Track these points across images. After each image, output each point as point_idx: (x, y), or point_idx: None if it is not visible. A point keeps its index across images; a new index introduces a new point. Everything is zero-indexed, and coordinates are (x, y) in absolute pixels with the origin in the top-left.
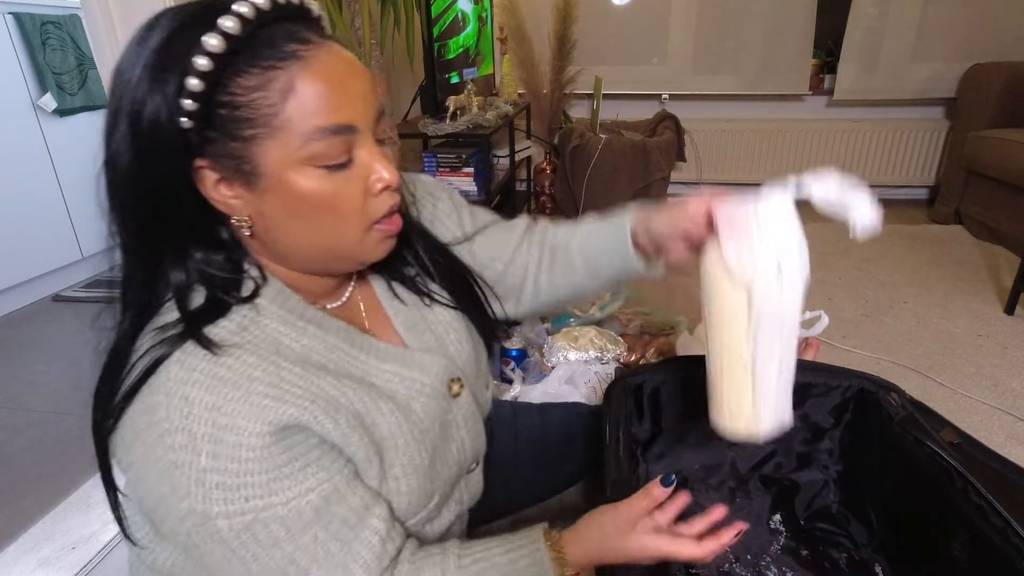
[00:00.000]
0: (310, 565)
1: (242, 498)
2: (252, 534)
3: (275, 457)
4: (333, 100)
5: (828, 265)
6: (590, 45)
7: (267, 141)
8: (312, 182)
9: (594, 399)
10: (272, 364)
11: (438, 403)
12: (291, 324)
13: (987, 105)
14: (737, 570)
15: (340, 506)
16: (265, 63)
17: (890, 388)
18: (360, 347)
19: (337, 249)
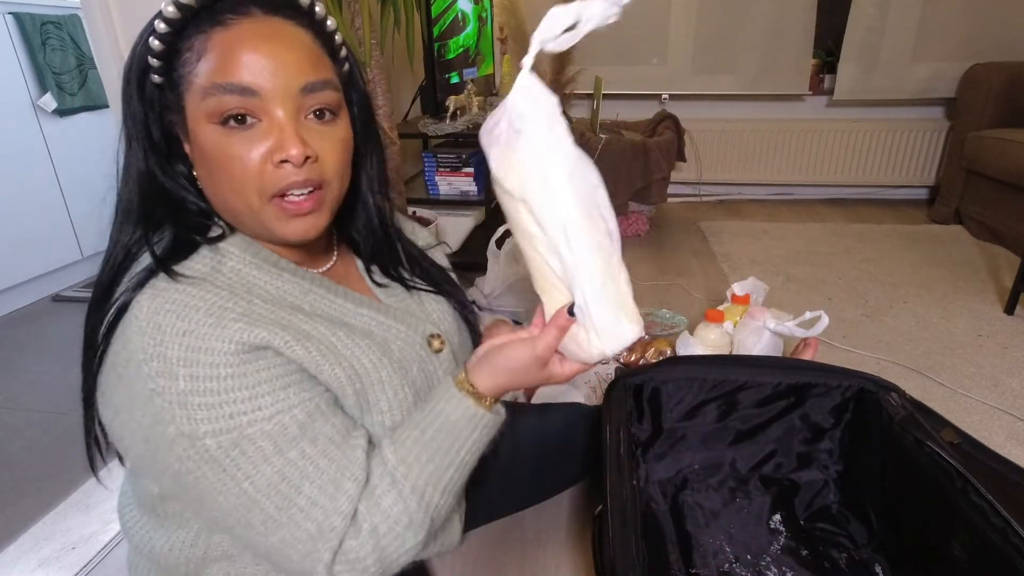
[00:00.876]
0: (301, 481)
1: (226, 415)
2: (241, 450)
3: (253, 374)
4: (235, 61)
5: (828, 265)
6: (590, 45)
7: (187, 96)
8: (209, 137)
9: (594, 399)
10: (243, 299)
11: (415, 351)
12: (264, 270)
13: (987, 105)
14: (737, 570)
15: (324, 424)
16: (200, 27)
17: (890, 388)
18: (336, 293)
19: (241, 214)
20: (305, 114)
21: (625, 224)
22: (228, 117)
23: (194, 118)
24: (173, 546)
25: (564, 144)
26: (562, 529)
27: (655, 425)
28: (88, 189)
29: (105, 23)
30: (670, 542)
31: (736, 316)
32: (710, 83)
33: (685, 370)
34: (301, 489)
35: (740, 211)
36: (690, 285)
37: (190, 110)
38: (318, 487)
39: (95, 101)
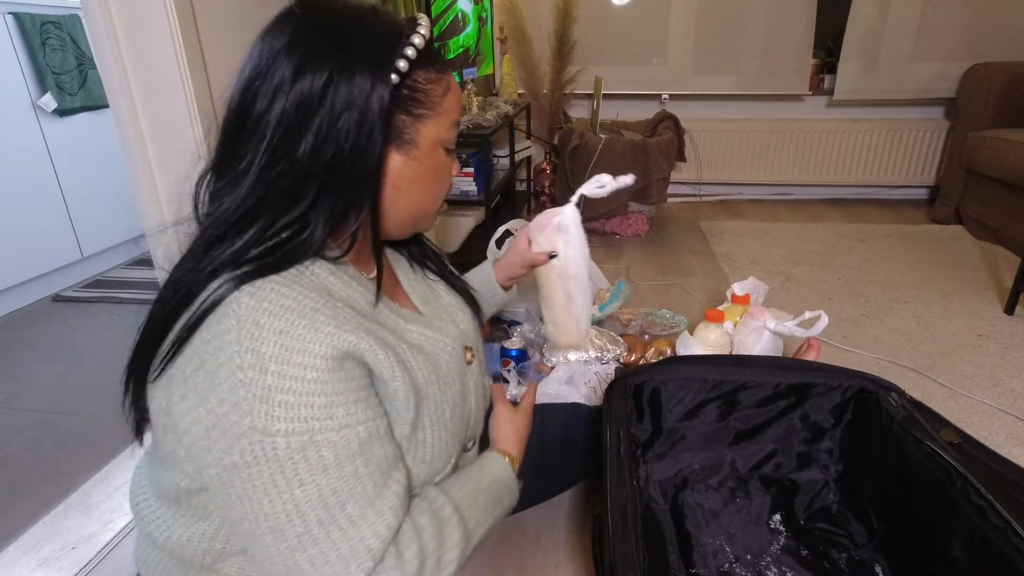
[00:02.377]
0: (348, 499)
1: (302, 417)
2: (305, 455)
3: (335, 383)
4: (458, 106)
5: (828, 265)
6: (590, 45)
7: (430, 120)
8: (441, 158)
9: (594, 399)
10: (330, 303)
11: (457, 364)
12: (339, 276)
13: (987, 105)
14: (737, 570)
15: (379, 448)
16: (437, 67)
17: (890, 388)
18: (391, 308)
19: (428, 212)
20: None
21: (625, 224)
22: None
23: (432, 141)
24: (192, 538)
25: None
26: (562, 529)
27: (655, 425)
28: (88, 189)
29: (105, 23)
30: (670, 542)
31: (736, 316)
32: (710, 83)
33: (685, 370)
34: (346, 507)
35: (740, 211)
36: (690, 285)
37: (429, 133)
38: (360, 508)
39: (95, 101)
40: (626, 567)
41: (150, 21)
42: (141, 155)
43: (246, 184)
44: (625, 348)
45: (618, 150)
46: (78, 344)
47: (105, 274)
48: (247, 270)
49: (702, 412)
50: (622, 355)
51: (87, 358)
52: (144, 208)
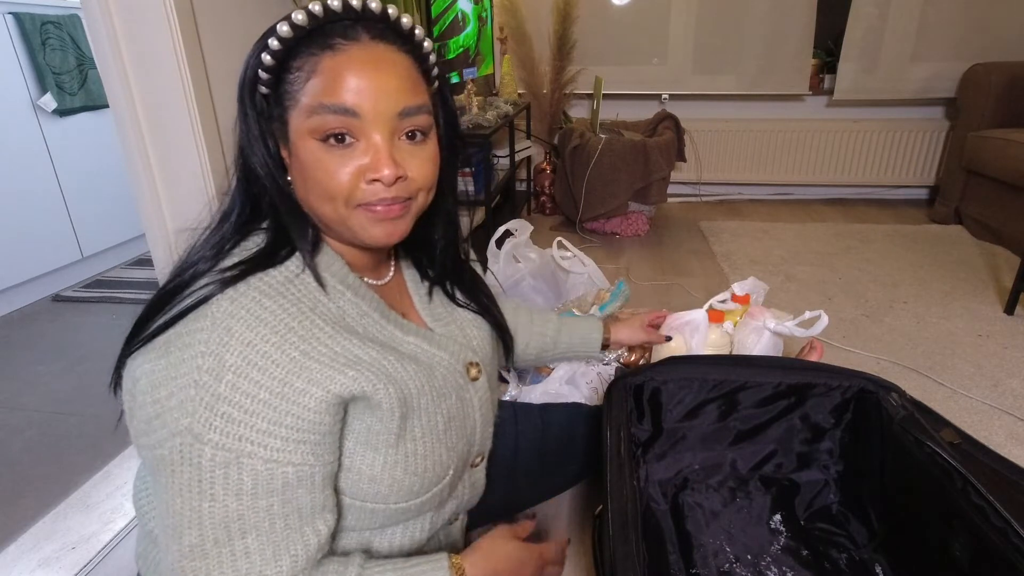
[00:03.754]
0: (251, 530)
1: (237, 435)
2: (225, 472)
3: (282, 413)
4: (342, 85)
5: (828, 265)
6: (590, 45)
7: (293, 110)
8: (310, 151)
9: (595, 399)
10: (308, 320)
11: (455, 378)
12: (331, 286)
13: (987, 105)
14: (737, 570)
15: (306, 495)
16: (311, 49)
17: (890, 388)
18: (388, 319)
19: (328, 219)
20: (399, 135)
21: (625, 224)
22: (329, 135)
23: (297, 132)
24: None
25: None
26: (563, 529)
27: (655, 425)
28: (88, 189)
29: (105, 23)
30: (670, 542)
31: (736, 316)
32: (710, 83)
33: (685, 370)
34: (246, 537)
35: (740, 211)
36: (690, 285)
37: (294, 124)
38: (259, 544)
39: (95, 101)
40: (626, 567)
41: (150, 21)
42: (141, 155)
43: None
44: (626, 348)
45: (618, 150)
46: (78, 344)
47: (105, 274)
48: (234, 273)
49: (702, 412)
50: (623, 355)
51: (87, 358)
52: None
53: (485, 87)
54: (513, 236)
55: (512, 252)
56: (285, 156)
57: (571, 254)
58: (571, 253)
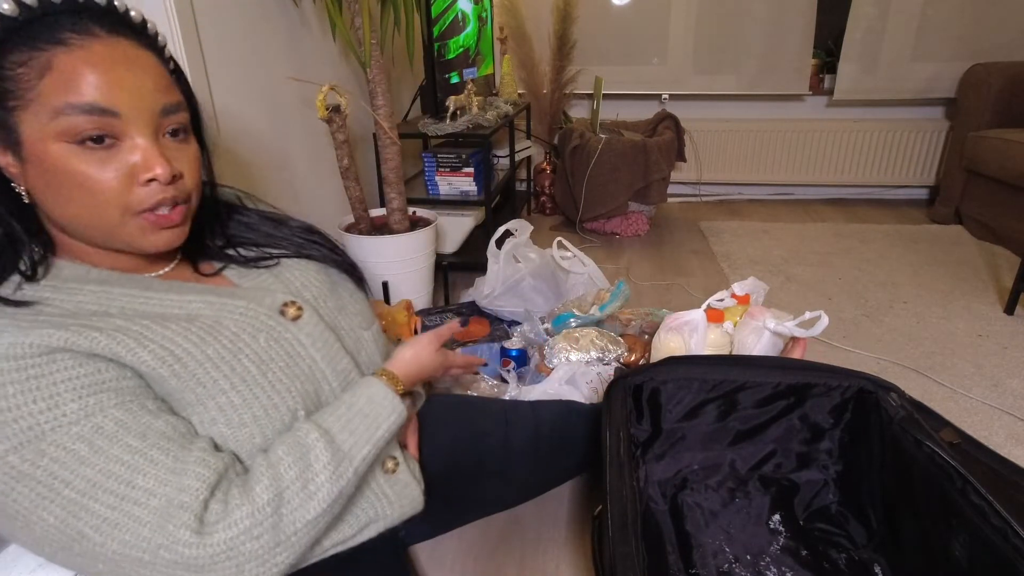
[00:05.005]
0: (132, 474)
1: (24, 428)
2: (51, 458)
3: (48, 383)
4: (91, 83)
5: (828, 265)
6: (590, 45)
7: (23, 112)
8: (63, 157)
9: (595, 400)
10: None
11: (260, 321)
12: (60, 290)
13: (987, 105)
14: (737, 570)
15: (155, 420)
16: (35, 44)
17: (890, 388)
18: (156, 288)
19: (99, 229)
20: (162, 133)
21: (625, 224)
22: (85, 137)
23: (38, 137)
24: None
25: (703, 340)
26: (562, 529)
27: (654, 425)
28: None
29: None
30: (669, 543)
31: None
32: (710, 83)
33: (685, 370)
34: (134, 482)
35: (740, 211)
36: (690, 285)
37: (30, 128)
38: (154, 476)
39: None
40: (626, 567)
41: None
42: None
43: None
44: (625, 348)
45: (618, 150)
46: None
47: None
48: None
49: (702, 412)
50: (622, 355)
51: None
52: None
53: (485, 87)
54: (513, 236)
55: (512, 252)
56: (6, 161)
57: (571, 254)
58: (571, 253)
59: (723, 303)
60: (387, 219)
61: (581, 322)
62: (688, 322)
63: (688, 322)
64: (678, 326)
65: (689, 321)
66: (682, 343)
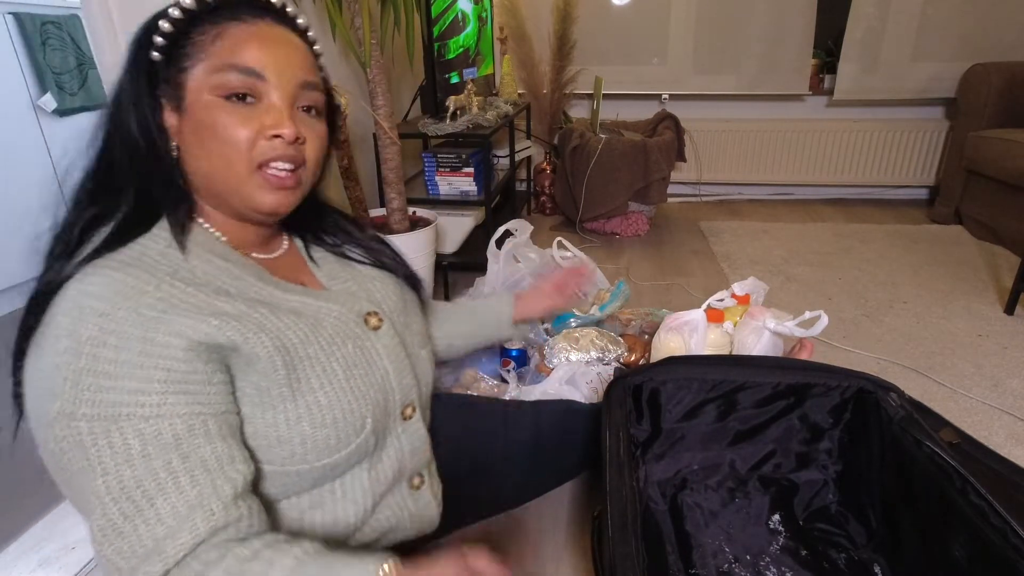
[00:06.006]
0: (157, 495)
1: (109, 402)
2: (109, 441)
3: (150, 368)
4: (249, 47)
5: (828, 265)
6: (590, 45)
7: (192, 70)
8: (211, 108)
9: (595, 400)
10: (166, 283)
11: (349, 328)
12: (196, 254)
13: (987, 105)
14: (737, 570)
15: (205, 445)
16: (216, 20)
17: (889, 388)
18: (266, 281)
19: (228, 184)
20: (298, 106)
21: (625, 224)
22: (232, 93)
23: (196, 89)
24: None
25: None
26: (561, 530)
27: (654, 425)
28: None
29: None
30: (669, 543)
31: (736, 316)
32: (710, 83)
33: (684, 370)
34: (155, 502)
35: (740, 211)
36: (690, 285)
37: (193, 82)
38: (171, 506)
39: (95, 101)
40: (625, 568)
41: None
42: None
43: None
44: (625, 348)
45: (618, 150)
46: None
47: None
48: (85, 255)
49: (701, 412)
50: (622, 355)
51: None
52: None
53: (485, 87)
54: (513, 236)
55: (512, 252)
56: (172, 124)
57: (571, 254)
58: (571, 253)
59: (723, 303)
60: (387, 219)
61: (581, 322)
62: (688, 322)
63: (688, 322)
64: (678, 326)
65: (689, 321)
66: (682, 343)
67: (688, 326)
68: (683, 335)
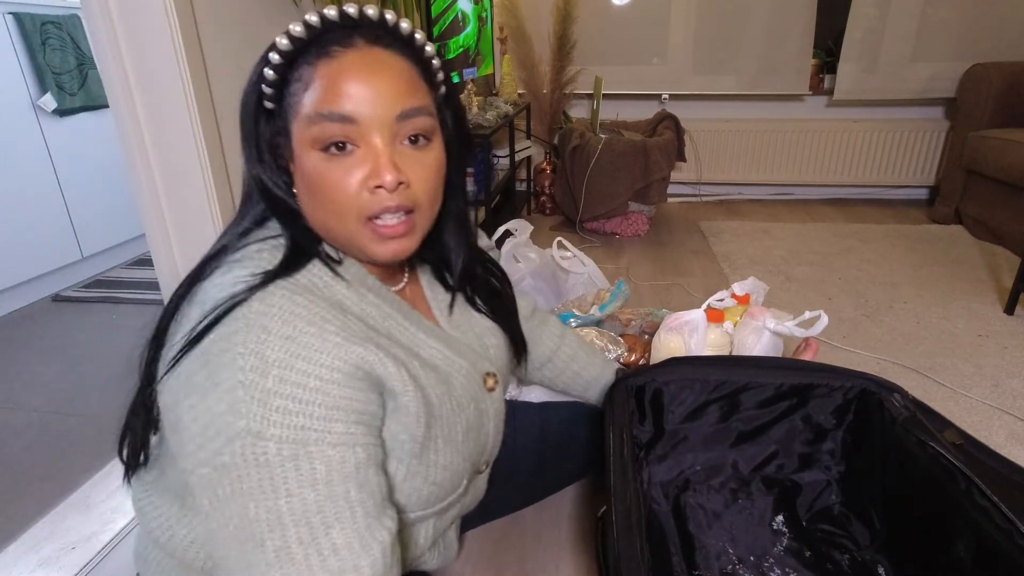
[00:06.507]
0: (334, 522)
1: (298, 426)
2: (296, 465)
3: (336, 396)
4: (337, 91)
5: (828, 265)
6: (590, 45)
7: (294, 123)
8: (312, 163)
9: None
10: (341, 313)
11: (473, 388)
12: (353, 288)
13: (987, 105)
14: (740, 571)
15: (376, 476)
16: (308, 60)
17: (892, 389)
18: (411, 319)
19: (338, 234)
20: (400, 140)
21: (625, 224)
22: (329, 144)
23: (299, 143)
24: (196, 539)
25: (703, 340)
26: (563, 529)
27: (657, 426)
28: (88, 189)
29: (105, 23)
30: (672, 544)
31: (736, 316)
32: (710, 83)
33: (687, 371)
34: (331, 531)
35: (740, 211)
36: (690, 285)
37: (296, 136)
38: (346, 538)
39: (95, 101)
40: (631, 569)
41: (150, 21)
42: (141, 155)
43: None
44: (625, 348)
45: (618, 150)
46: (78, 344)
47: (105, 274)
48: (260, 280)
49: (704, 413)
50: (622, 355)
51: (87, 358)
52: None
53: (485, 87)
54: (513, 236)
55: (512, 252)
56: (293, 171)
57: (571, 254)
58: (571, 253)
59: (723, 303)
60: None
61: (581, 322)
62: (688, 322)
63: (688, 322)
64: (678, 326)
65: (689, 321)
66: (682, 343)
67: (688, 326)
68: (683, 335)
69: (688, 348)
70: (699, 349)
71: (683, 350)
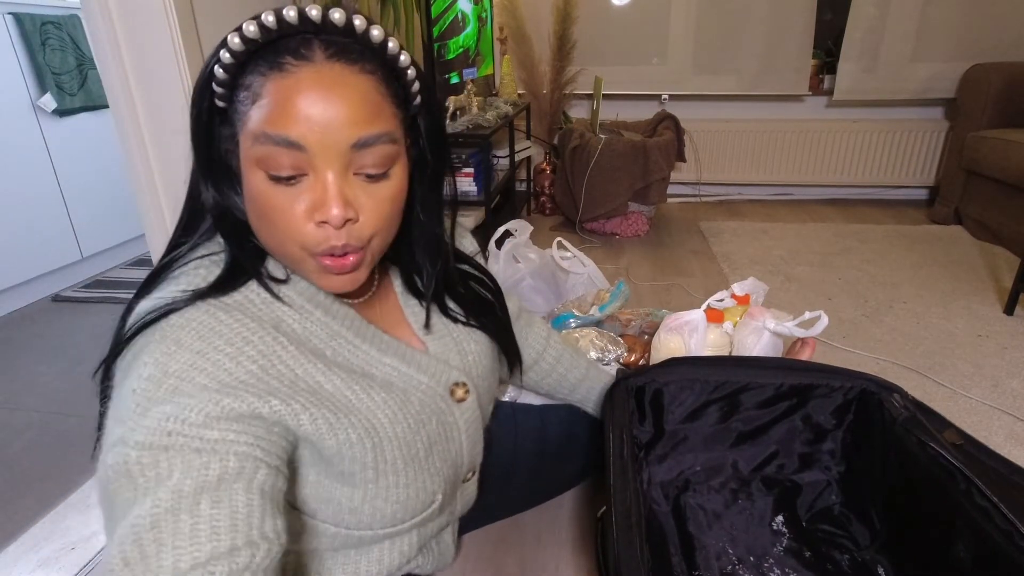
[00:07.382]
0: (200, 494)
1: (165, 431)
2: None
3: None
4: (287, 113)
5: (828, 265)
6: (590, 45)
7: (240, 135)
8: (256, 182)
9: None
10: (269, 336)
11: (435, 402)
12: (298, 306)
13: (987, 105)
14: (740, 572)
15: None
16: (260, 68)
17: (892, 389)
18: (363, 337)
19: (287, 260)
20: (355, 170)
21: (625, 224)
22: (273, 171)
23: (245, 159)
24: None
25: (703, 339)
26: (563, 530)
27: (656, 427)
28: (88, 189)
29: (105, 23)
30: (672, 544)
31: (736, 316)
32: (710, 83)
33: (687, 371)
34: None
35: (740, 211)
36: (690, 285)
37: (243, 149)
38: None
39: (95, 101)
40: (631, 569)
41: (150, 21)
42: (141, 155)
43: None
44: (625, 348)
45: (618, 150)
46: (78, 344)
47: (105, 274)
48: (188, 297)
49: (704, 414)
50: (622, 355)
51: (87, 358)
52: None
53: (485, 87)
54: (513, 236)
55: (512, 252)
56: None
57: (571, 254)
58: (571, 253)
59: (723, 303)
60: None
61: (581, 322)
62: (688, 322)
63: (688, 322)
64: (678, 326)
65: (689, 321)
66: (682, 343)
67: (688, 326)
68: (683, 335)
69: (688, 348)
70: (699, 349)
71: (683, 350)
